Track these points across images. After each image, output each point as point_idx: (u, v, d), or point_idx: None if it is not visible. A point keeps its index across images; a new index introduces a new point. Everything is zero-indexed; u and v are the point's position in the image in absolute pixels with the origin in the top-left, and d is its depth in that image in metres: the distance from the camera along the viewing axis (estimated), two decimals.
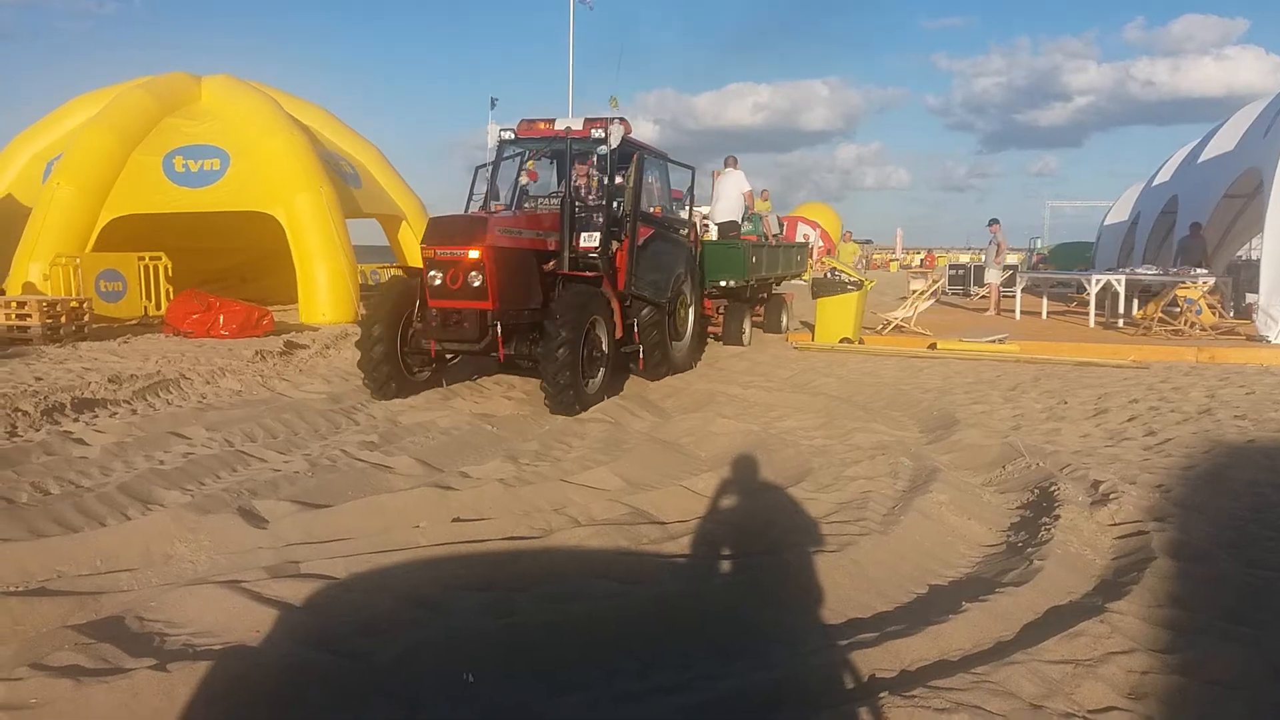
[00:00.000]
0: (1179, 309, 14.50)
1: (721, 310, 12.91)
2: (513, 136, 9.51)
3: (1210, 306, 14.77)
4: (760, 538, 4.66)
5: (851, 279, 13.75)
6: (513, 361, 8.40)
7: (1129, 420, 7.80)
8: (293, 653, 3.20)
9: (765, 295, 14.74)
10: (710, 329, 12.72)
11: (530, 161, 9.65)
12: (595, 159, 9.39)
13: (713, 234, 13.70)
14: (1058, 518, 4.76)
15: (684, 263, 10.25)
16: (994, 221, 19.11)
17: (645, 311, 9.26)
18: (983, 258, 23.42)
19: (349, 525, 4.72)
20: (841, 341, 12.91)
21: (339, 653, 3.23)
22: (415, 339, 8.40)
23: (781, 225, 15.91)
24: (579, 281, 8.49)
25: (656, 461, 6.26)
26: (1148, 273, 16.55)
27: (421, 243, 8.01)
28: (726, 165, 14.34)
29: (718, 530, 4.80)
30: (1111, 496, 5.15)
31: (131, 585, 3.95)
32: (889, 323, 14.39)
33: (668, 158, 10.74)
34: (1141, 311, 15.37)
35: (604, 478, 5.72)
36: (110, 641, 3.22)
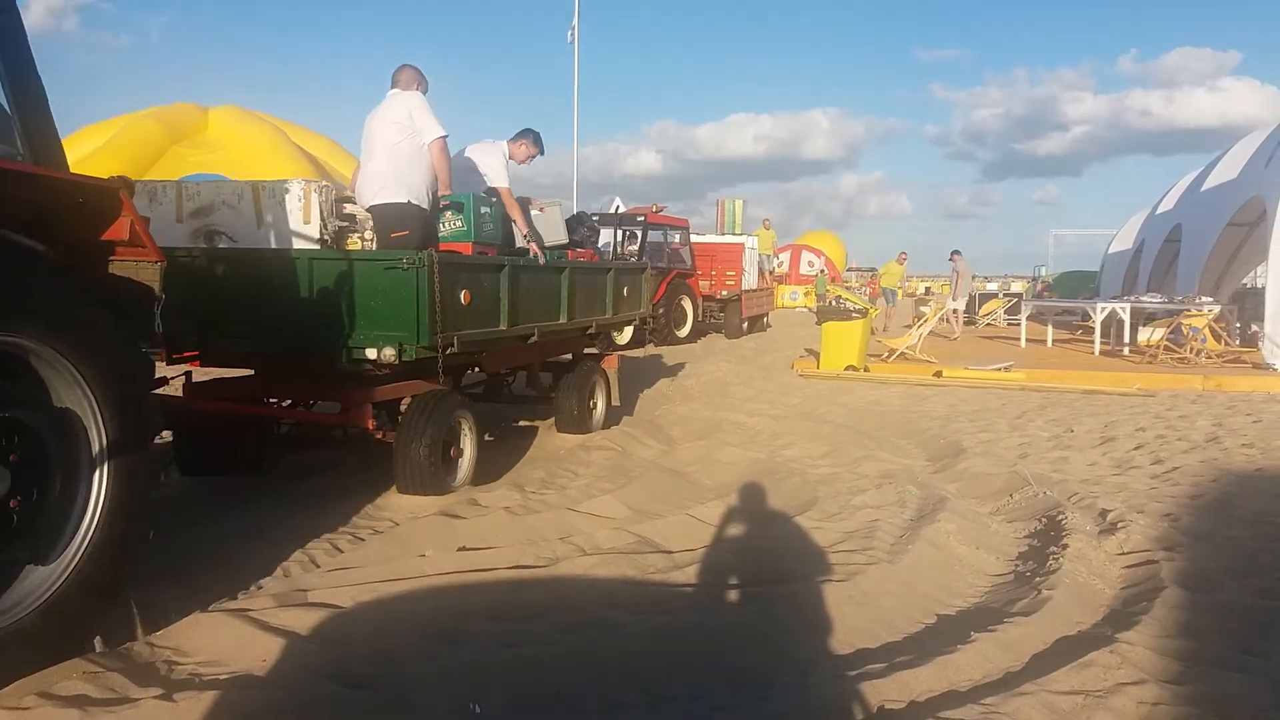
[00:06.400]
0: (1184, 337, 14.52)
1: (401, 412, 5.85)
2: None
3: (1215, 334, 14.79)
4: (767, 567, 4.65)
5: (856, 307, 13.80)
6: None
7: (1136, 449, 7.79)
8: (300, 683, 3.19)
9: (568, 359, 8.22)
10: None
11: None
12: None
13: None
14: (1066, 547, 4.74)
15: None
16: (955, 252, 20.86)
17: None
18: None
19: (356, 553, 4.72)
20: (847, 369, 12.92)
21: (346, 683, 3.22)
22: None
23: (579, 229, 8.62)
24: None
25: (662, 490, 6.25)
26: (1152, 301, 16.60)
27: None
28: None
29: (724, 559, 4.79)
30: (1120, 525, 5.13)
31: None
32: (893, 351, 14.40)
33: None
34: (1148, 339, 15.37)
35: (610, 506, 5.70)
36: (119, 671, 3.21)
